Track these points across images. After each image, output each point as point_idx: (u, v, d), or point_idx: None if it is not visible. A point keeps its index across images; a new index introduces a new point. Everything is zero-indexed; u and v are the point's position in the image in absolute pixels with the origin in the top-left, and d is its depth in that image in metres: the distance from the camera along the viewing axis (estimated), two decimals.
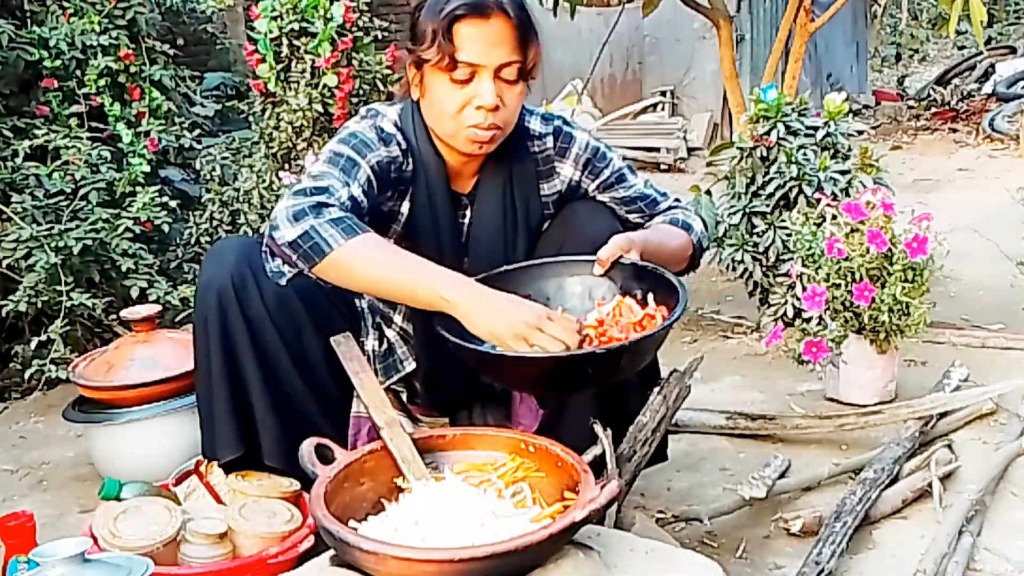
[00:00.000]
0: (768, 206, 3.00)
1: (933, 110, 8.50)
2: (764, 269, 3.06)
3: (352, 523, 1.40)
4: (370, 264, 1.55)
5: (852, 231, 2.48)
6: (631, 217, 1.89)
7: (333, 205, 1.57)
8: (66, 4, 3.55)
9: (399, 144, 1.74)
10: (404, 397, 1.98)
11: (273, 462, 1.79)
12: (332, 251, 1.53)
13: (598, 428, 1.70)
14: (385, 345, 1.93)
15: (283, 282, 1.73)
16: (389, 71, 3.43)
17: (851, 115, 3.17)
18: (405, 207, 1.79)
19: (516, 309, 1.51)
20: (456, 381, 1.85)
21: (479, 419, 1.93)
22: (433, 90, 1.70)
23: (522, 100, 1.72)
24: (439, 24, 1.63)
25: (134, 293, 3.16)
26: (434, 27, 1.64)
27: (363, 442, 1.87)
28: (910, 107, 8.77)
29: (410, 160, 1.76)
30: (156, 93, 3.67)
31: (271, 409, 1.78)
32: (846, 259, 2.45)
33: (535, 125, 1.82)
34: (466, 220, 1.83)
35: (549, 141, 1.82)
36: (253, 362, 1.76)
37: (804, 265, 2.57)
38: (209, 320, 1.75)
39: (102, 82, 3.56)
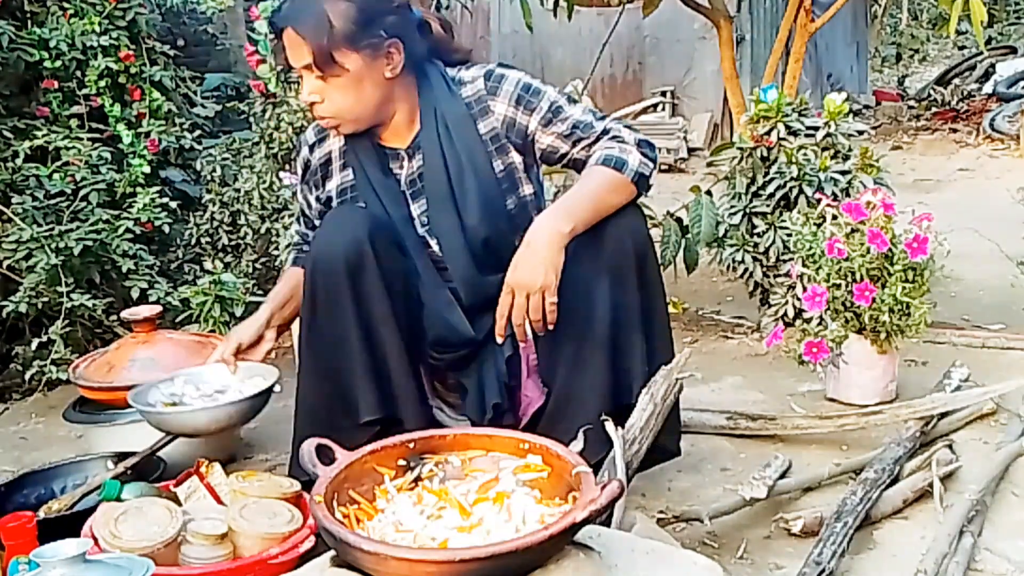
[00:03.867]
0: (768, 206, 3.00)
1: (933, 110, 8.50)
2: (764, 269, 3.05)
3: None
4: None
5: (852, 231, 2.48)
6: (575, 152, 1.94)
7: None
8: (66, 5, 3.55)
9: (325, 139, 2.03)
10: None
11: (414, 426, 1.80)
12: None
13: (610, 427, 1.70)
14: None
15: None
16: None
17: (851, 115, 3.15)
18: (349, 175, 2.02)
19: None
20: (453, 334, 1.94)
21: (491, 386, 1.93)
22: None
23: (351, 91, 1.86)
24: None
25: (134, 294, 3.17)
26: None
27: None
28: (910, 107, 8.77)
29: (342, 140, 2.00)
30: (156, 94, 3.67)
31: (408, 373, 1.87)
32: (846, 259, 2.45)
33: (463, 74, 1.98)
34: (409, 170, 1.97)
35: (480, 83, 1.95)
36: (391, 324, 1.84)
37: (804, 265, 2.56)
38: (340, 283, 1.81)
39: (102, 83, 3.56)
